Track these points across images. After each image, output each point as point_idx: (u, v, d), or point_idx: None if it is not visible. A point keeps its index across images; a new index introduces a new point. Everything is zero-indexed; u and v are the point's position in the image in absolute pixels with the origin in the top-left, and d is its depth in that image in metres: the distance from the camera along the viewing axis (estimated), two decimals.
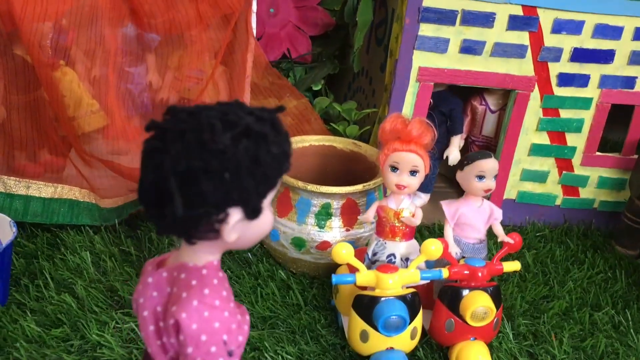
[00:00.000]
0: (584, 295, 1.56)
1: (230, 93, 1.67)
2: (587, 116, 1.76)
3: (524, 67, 1.68)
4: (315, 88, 2.15)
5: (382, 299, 1.18)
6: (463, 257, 1.30)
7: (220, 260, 0.74)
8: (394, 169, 1.23)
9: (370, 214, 1.28)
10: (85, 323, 1.29)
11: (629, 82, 1.73)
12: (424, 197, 1.92)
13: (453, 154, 1.81)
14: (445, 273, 1.21)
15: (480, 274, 1.23)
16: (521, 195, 1.85)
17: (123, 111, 1.88)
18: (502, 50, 1.65)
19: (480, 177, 1.27)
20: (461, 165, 1.29)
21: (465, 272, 1.22)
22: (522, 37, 1.65)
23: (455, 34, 1.63)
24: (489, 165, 1.26)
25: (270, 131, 0.67)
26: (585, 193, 1.87)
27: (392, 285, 1.18)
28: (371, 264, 1.29)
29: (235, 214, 0.67)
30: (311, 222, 1.44)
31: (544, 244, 1.78)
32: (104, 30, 1.76)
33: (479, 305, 1.20)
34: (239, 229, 0.68)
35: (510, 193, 1.85)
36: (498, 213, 1.32)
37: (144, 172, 0.67)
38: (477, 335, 1.25)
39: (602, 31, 1.66)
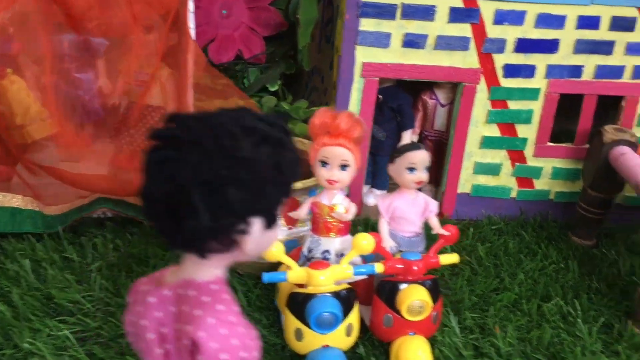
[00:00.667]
0: (534, 287, 1.55)
1: (174, 95, 1.65)
2: (536, 107, 1.75)
3: (469, 59, 1.67)
4: (271, 89, 2.13)
5: (315, 296, 1.16)
6: (400, 251, 1.28)
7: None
8: (324, 163, 1.21)
9: (303, 211, 1.26)
10: (18, 331, 1.26)
11: (576, 71, 1.72)
12: (380, 194, 1.91)
13: None
14: (378, 268, 1.20)
15: (415, 268, 1.21)
16: (476, 189, 1.84)
17: (74, 118, 1.87)
18: (445, 43, 1.64)
19: (411, 169, 1.26)
20: (392, 158, 1.28)
21: (400, 266, 1.21)
22: (464, 30, 1.64)
23: (397, 28, 1.62)
24: (419, 156, 1.25)
25: (285, 137, 0.66)
26: (540, 184, 1.86)
27: (324, 281, 1.16)
28: (307, 260, 1.27)
29: (256, 224, 0.65)
30: None
31: (498, 237, 1.77)
32: (48, 36, 1.75)
33: (414, 299, 1.19)
34: (256, 239, 0.66)
35: (464, 187, 1.83)
36: (433, 205, 1.30)
37: (151, 184, 0.64)
38: (416, 330, 1.24)
39: (545, 20, 1.65)
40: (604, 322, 1.43)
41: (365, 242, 1.16)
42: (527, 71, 1.70)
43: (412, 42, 1.63)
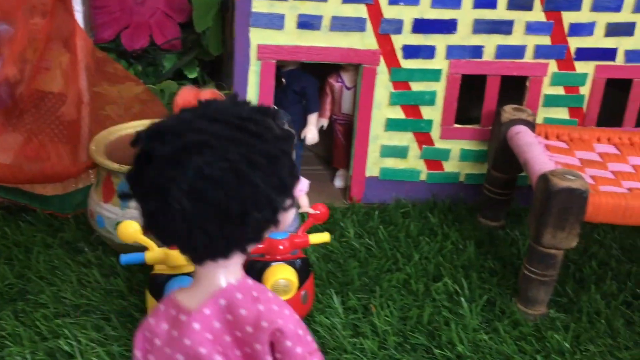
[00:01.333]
0: (426, 267, 1.54)
1: (66, 80, 1.63)
2: (438, 88, 1.74)
3: (367, 40, 1.66)
4: (190, 76, 2.12)
5: (175, 277, 1.15)
6: None
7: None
8: None
9: None
10: None
11: (476, 51, 1.71)
12: None
13: (310, 133, 1.79)
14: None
15: (281, 247, 1.20)
16: (384, 172, 1.83)
17: None
18: (341, 24, 1.63)
19: None
20: None
21: (261, 245, 1.19)
22: (359, 10, 1.63)
23: (290, 9, 1.60)
24: None
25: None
26: (449, 167, 1.85)
27: (184, 261, 1.15)
28: None
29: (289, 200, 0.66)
30: (134, 206, 1.40)
31: (404, 220, 1.76)
32: None
33: (278, 278, 1.18)
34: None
35: (372, 170, 1.82)
36: (303, 184, 1.29)
37: (180, 204, 0.60)
38: None
39: (441, 0, 1.64)
40: (488, 299, 1.43)
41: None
42: (427, 52, 1.69)
43: (307, 23, 1.62)
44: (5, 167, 1.59)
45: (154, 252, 1.15)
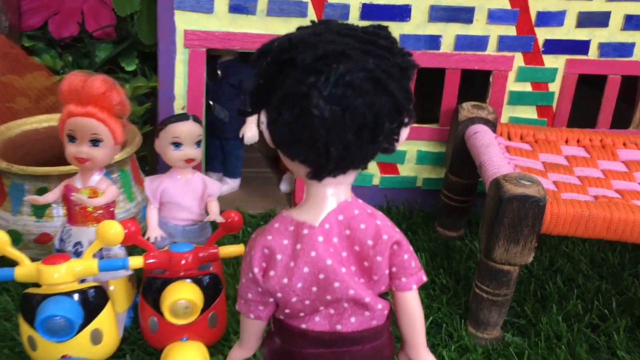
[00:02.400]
0: None
1: None
2: None
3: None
4: (128, 68, 1.93)
5: (48, 296, 0.97)
6: (175, 242, 1.09)
7: None
8: (72, 138, 1.02)
9: (52, 195, 1.06)
10: None
11: (433, 42, 1.54)
12: (232, 183, 1.72)
13: (249, 131, 1.61)
14: (134, 262, 1.00)
15: (183, 262, 1.02)
16: None
17: None
18: (279, 9, 1.45)
19: (176, 144, 1.06)
20: (157, 132, 1.09)
21: (159, 259, 1.01)
22: None
23: None
24: (184, 129, 1.06)
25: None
26: (405, 170, 1.67)
27: (59, 279, 0.96)
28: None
29: None
30: (27, 212, 1.22)
31: None
32: None
33: (177, 299, 1.00)
34: None
35: None
36: (213, 188, 1.11)
37: (322, 110, 0.62)
38: (190, 335, 1.04)
39: None
40: (435, 320, 1.25)
41: (113, 231, 0.96)
42: None
43: (240, 6, 1.44)
44: None
45: (25, 268, 0.96)
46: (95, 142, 1.01)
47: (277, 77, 0.64)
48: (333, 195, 0.71)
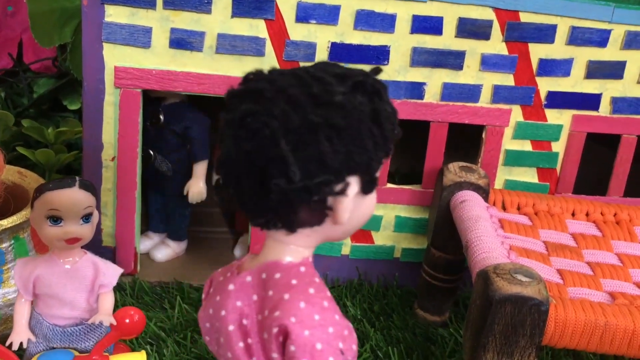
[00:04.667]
0: None
1: None
2: None
3: (267, 68, 1.24)
4: (71, 107, 1.69)
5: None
6: (52, 349, 0.82)
7: None
8: (56, 219, 0.76)
9: None
10: None
11: (416, 90, 1.29)
12: (175, 247, 1.46)
13: (195, 187, 1.36)
14: None
15: None
16: None
17: None
18: (231, 45, 1.21)
19: (55, 219, 0.80)
20: (31, 201, 0.83)
21: None
22: (255, 27, 1.21)
23: (160, 21, 1.19)
24: (67, 198, 0.80)
25: (382, 87, 0.61)
26: (381, 239, 1.41)
27: None
28: None
29: (353, 184, 0.59)
30: None
31: None
32: None
33: None
34: (351, 207, 0.59)
35: None
36: (108, 276, 0.85)
37: (230, 148, 0.59)
38: None
39: (367, 20, 1.23)
40: None
41: None
42: None
43: (183, 41, 1.20)
44: None
45: None
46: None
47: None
48: (273, 249, 0.63)
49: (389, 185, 1.37)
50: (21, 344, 0.83)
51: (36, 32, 1.32)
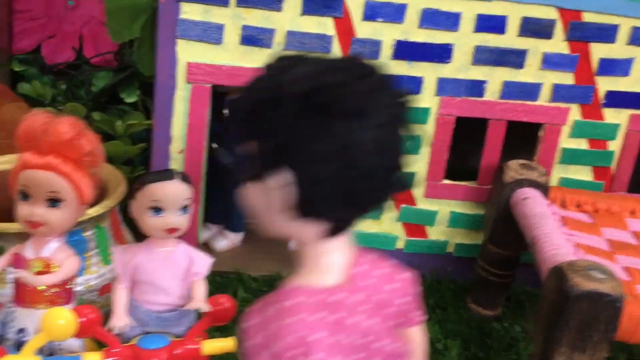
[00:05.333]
0: None
1: None
2: (425, 133, 1.34)
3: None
4: (128, 99, 1.73)
5: None
6: (148, 333, 0.86)
7: None
8: (25, 195, 0.80)
9: None
10: None
11: (476, 88, 1.32)
12: (233, 237, 1.49)
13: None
14: (91, 359, 0.77)
15: None
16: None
17: None
18: (298, 42, 1.25)
19: (156, 210, 0.84)
20: (133, 192, 0.87)
21: (122, 358, 0.78)
22: (323, 25, 1.24)
23: (232, 18, 1.22)
24: (167, 190, 0.84)
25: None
26: (434, 233, 1.44)
27: None
28: (0, 342, 0.85)
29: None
30: None
31: None
32: None
33: None
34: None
35: None
36: (200, 265, 0.88)
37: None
38: None
39: (432, 19, 1.25)
40: None
41: (61, 321, 0.73)
42: (412, 85, 1.29)
43: (254, 38, 1.24)
44: None
45: None
46: (53, 201, 0.79)
47: (303, 129, 0.54)
48: (342, 249, 0.61)
49: (445, 181, 1.40)
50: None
51: (111, 27, 1.37)
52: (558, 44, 1.29)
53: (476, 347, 1.24)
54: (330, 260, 0.61)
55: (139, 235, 0.97)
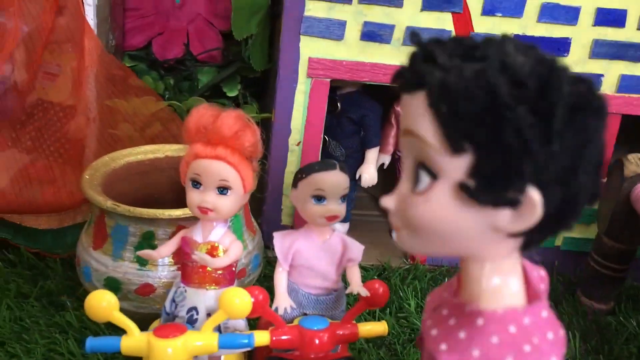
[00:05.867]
0: None
1: (76, 90, 1.32)
2: None
3: None
4: (230, 94, 1.79)
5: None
6: (304, 314, 0.90)
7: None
8: (196, 183, 0.85)
9: (166, 249, 0.90)
10: None
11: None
12: (341, 227, 1.53)
13: (367, 173, 1.43)
14: (260, 338, 0.82)
15: (317, 341, 0.83)
16: None
17: None
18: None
19: (318, 198, 0.88)
20: (295, 180, 0.91)
21: (290, 337, 0.83)
22: (442, 20, 1.26)
23: (354, 14, 1.25)
24: (330, 180, 0.87)
25: None
26: None
27: (172, 356, 0.79)
28: (171, 320, 0.90)
29: None
30: (129, 257, 1.06)
31: None
32: None
33: None
34: None
35: None
36: (354, 251, 0.92)
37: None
38: None
39: (551, 13, 1.26)
40: None
41: (237, 300, 0.78)
42: None
43: (374, 33, 1.27)
44: None
45: (133, 339, 0.79)
46: (222, 189, 0.84)
47: (566, 130, 0.46)
48: (518, 257, 0.55)
49: None
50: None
51: (235, 24, 1.42)
52: None
53: (595, 339, 1.24)
54: (518, 276, 0.54)
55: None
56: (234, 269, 0.90)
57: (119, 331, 0.85)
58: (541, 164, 0.45)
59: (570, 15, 1.26)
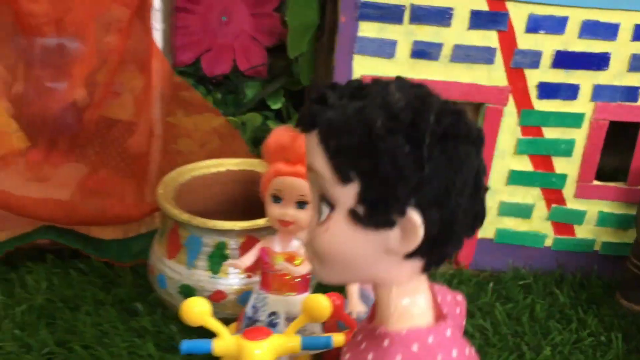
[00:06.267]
0: None
1: (138, 107, 1.40)
2: (578, 136, 1.41)
3: (494, 75, 1.36)
4: (273, 107, 1.87)
5: None
6: None
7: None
8: (277, 198, 0.92)
9: (247, 259, 0.97)
10: None
11: (631, 94, 1.38)
12: None
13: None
14: (338, 340, 0.89)
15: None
16: (501, 234, 1.50)
17: (46, 132, 1.66)
18: (465, 55, 1.34)
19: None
20: None
21: None
22: (488, 38, 1.33)
23: (404, 34, 1.32)
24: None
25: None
26: (582, 232, 1.51)
27: (260, 356, 0.86)
28: (251, 324, 0.98)
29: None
30: (203, 266, 1.14)
31: (525, 295, 1.43)
32: (23, 40, 1.56)
33: None
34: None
35: (486, 231, 1.50)
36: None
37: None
38: None
39: (592, 29, 1.32)
40: None
41: (319, 305, 0.86)
42: (568, 92, 1.37)
43: (423, 52, 1.34)
44: (60, 205, 1.37)
45: (224, 342, 0.87)
46: (301, 204, 0.92)
47: (438, 160, 0.49)
48: (426, 283, 0.56)
49: (595, 182, 1.46)
50: None
51: (291, 44, 1.49)
52: None
53: (636, 340, 1.30)
54: (424, 297, 0.55)
55: None
56: (309, 276, 0.97)
57: (192, 335, 0.92)
58: (416, 187, 0.48)
59: (610, 32, 1.32)
